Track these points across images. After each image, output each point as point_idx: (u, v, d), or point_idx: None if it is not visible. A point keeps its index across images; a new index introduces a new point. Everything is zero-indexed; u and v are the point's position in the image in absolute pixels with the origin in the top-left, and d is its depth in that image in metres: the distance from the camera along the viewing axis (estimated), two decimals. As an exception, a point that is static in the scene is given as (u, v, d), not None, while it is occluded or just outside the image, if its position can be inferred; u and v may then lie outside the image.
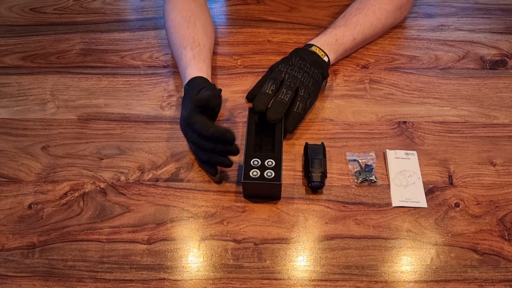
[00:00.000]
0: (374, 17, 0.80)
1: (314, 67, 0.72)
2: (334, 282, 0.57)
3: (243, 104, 0.77)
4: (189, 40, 0.75)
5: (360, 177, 0.66)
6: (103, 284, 0.57)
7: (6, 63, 0.85)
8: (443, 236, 0.61)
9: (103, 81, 0.81)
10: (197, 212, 0.64)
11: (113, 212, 0.64)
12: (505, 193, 0.65)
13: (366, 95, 0.78)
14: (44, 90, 0.80)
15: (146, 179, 0.67)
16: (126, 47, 0.87)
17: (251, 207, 0.64)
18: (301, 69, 0.71)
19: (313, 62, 0.72)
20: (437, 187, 0.66)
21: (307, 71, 0.71)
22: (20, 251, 0.61)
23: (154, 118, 0.75)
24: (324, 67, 0.73)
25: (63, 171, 0.68)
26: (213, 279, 0.58)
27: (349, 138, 0.72)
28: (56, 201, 0.65)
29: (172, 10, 0.80)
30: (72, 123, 0.75)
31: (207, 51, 0.76)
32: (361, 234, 0.61)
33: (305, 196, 0.65)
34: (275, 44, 0.87)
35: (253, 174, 0.61)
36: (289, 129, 0.69)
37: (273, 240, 0.61)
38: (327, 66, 0.74)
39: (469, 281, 0.57)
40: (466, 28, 0.89)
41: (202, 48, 0.75)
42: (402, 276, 0.58)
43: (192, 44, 0.74)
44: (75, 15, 0.95)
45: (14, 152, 0.71)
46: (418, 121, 0.74)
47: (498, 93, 0.77)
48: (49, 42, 0.89)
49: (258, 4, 0.95)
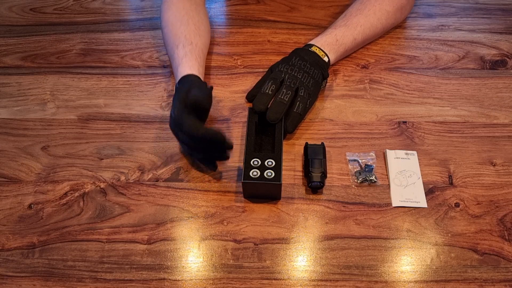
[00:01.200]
0: (375, 18, 0.80)
1: (314, 67, 0.72)
2: (334, 282, 0.57)
3: (243, 104, 0.77)
4: (181, 38, 0.75)
5: (360, 177, 0.66)
6: (103, 284, 0.57)
7: (6, 63, 0.85)
8: (443, 236, 0.61)
9: (103, 81, 0.81)
10: (197, 212, 0.64)
11: (113, 212, 0.64)
12: (505, 193, 0.65)
13: (366, 95, 0.78)
14: (44, 90, 0.80)
15: (146, 179, 0.67)
16: (126, 47, 0.87)
17: (251, 207, 0.64)
18: (301, 69, 0.71)
19: (313, 62, 0.72)
20: (437, 187, 0.66)
21: (307, 71, 0.71)
22: (20, 251, 0.61)
23: (154, 118, 0.75)
24: (324, 67, 0.73)
25: (63, 171, 0.68)
26: (213, 279, 0.58)
27: (349, 138, 0.72)
28: (56, 201, 0.65)
29: (166, 10, 0.80)
30: (72, 123, 0.75)
31: (199, 49, 0.75)
32: (361, 234, 0.61)
33: (305, 196, 0.65)
34: (275, 44, 0.87)
35: (253, 174, 0.61)
36: (289, 130, 0.69)
37: (273, 240, 0.61)
38: (327, 66, 0.74)
39: (469, 281, 0.57)
40: (466, 28, 0.89)
41: (194, 46, 0.74)
42: (402, 276, 0.58)
43: (184, 43, 0.74)
44: (75, 15, 0.95)
45: (14, 152, 0.71)
46: (418, 121, 0.74)
47: (498, 93, 0.77)
48: (49, 42, 0.89)
49: (258, 4, 0.95)
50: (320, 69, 0.72)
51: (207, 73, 0.81)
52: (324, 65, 0.73)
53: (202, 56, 0.76)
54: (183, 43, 0.74)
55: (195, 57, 0.73)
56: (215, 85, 0.79)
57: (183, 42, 0.74)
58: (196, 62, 0.72)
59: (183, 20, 0.77)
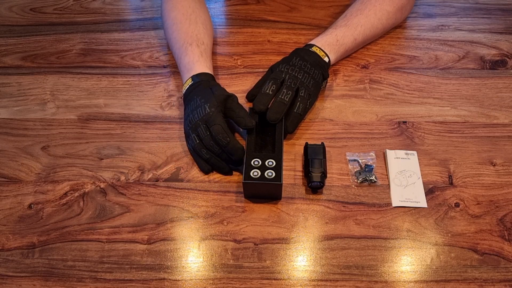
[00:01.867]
0: (375, 18, 0.80)
1: (315, 68, 0.72)
2: (334, 282, 0.57)
3: (243, 104, 0.76)
4: (193, 37, 0.75)
5: (360, 177, 0.66)
6: (103, 284, 0.57)
7: (6, 63, 0.85)
8: (443, 236, 0.61)
9: (103, 81, 0.81)
10: (197, 212, 0.64)
11: (113, 212, 0.64)
12: (505, 193, 0.65)
13: (366, 95, 0.78)
14: (44, 90, 0.80)
15: (146, 179, 0.67)
16: (126, 47, 0.87)
17: (251, 207, 0.64)
18: (302, 69, 0.71)
19: (313, 63, 0.72)
20: (437, 187, 0.66)
21: (308, 71, 0.71)
22: (20, 251, 0.61)
23: (154, 118, 0.75)
24: (324, 67, 0.73)
25: (63, 171, 0.68)
26: (213, 279, 0.58)
27: (349, 138, 0.72)
28: (56, 201, 0.65)
29: (172, 9, 0.80)
30: (72, 123, 0.75)
31: (209, 50, 0.77)
32: (361, 234, 0.61)
33: (305, 196, 0.65)
34: (275, 44, 0.87)
35: (254, 174, 0.61)
36: (290, 130, 0.69)
37: (273, 240, 0.61)
38: (327, 66, 0.74)
39: (469, 281, 0.57)
40: (466, 28, 0.89)
41: (206, 46, 0.76)
42: (402, 276, 0.58)
43: (197, 42, 0.75)
44: (75, 15, 0.95)
45: (14, 152, 0.71)
46: (418, 121, 0.74)
47: (498, 93, 0.77)
48: (49, 42, 0.89)
49: (258, 4, 0.95)
50: (321, 70, 0.72)
51: (207, 73, 0.82)
52: (325, 66, 0.73)
53: (211, 55, 0.77)
54: (196, 42, 0.75)
55: (209, 57, 0.75)
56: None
57: (196, 41, 0.75)
58: (211, 63, 0.74)
59: (191, 18, 0.78)
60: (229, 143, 0.63)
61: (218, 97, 0.66)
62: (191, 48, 0.74)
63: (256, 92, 0.73)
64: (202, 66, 0.72)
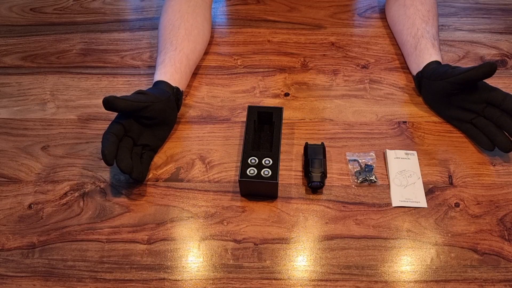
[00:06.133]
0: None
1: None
2: (334, 282, 0.57)
3: (242, 104, 0.77)
4: (167, 44, 0.75)
5: (360, 177, 0.66)
6: (103, 284, 0.57)
7: (6, 63, 0.85)
8: (443, 236, 0.61)
9: (103, 81, 0.81)
10: (197, 212, 0.64)
11: (113, 212, 0.64)
12: (505, 193, 0.65)
13: (366, 95, 0.78)
14: (44, 90, 0.80)
15: (146, 179, 0.67)
16: (126, 47, 0.87)
17: (251, 207, 0.64)
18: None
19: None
20: (437, 187, 0.66)
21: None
22: (20, 251, 0.60)
23: (154, 118, 0.75)
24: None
25: (63, 171, 0.68)
26: (213, 279, 0.58)
27: (349, 138, 0.72)
28: (56, 201, 0.65)
29: (163, 13, 0.81)
30: (72, 123, 0.75)
31: (183, 54, 0.74)
32: (361, 234, 0.61)
33: (305, 196, 0.65)
34: (275, 44, 0.87)
35: (250, 172, 0.61)
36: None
37: (273, 240, 0.61)
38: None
39: (469, 281, 0.57)
40: (466, 28, 0.89)
41: (177, 52, 0.74)
42: (402, 276, 0.58)
43: (168, 48, 0.74)
44: (75, 15, 0.95)
45: (14, 152, 0.71)
46: (418, 121, 0.74)
47: (498, 93, 0.77)
48: (49, 42, 0.89)
49: (258, 4, 0.95)
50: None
51: (207, 73, 0.82)
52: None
53: (186, 61, 0.75)
54: (166, 49, 0.75)
55: (173, 62, 0.73)
56: (215, 85, 0.79)
57: (166, 48, 0.75)
58: (172, 67, 0.72)
59: (175, 24, 0.77)
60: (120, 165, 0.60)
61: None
62: (159, 57, 0.75)
63: None
64: (157, 75, 0.71)
